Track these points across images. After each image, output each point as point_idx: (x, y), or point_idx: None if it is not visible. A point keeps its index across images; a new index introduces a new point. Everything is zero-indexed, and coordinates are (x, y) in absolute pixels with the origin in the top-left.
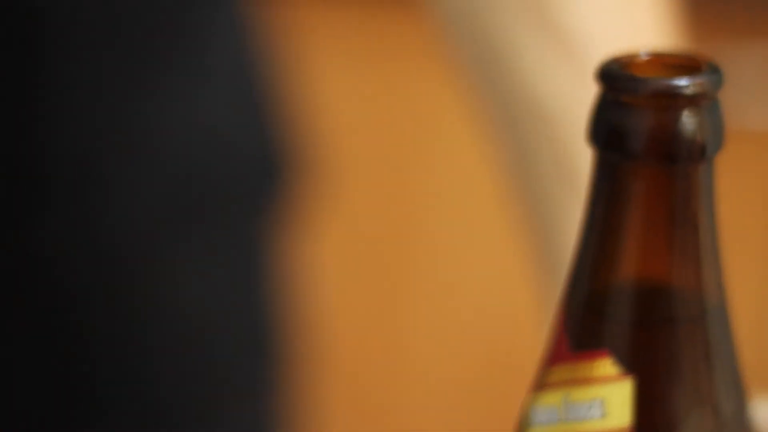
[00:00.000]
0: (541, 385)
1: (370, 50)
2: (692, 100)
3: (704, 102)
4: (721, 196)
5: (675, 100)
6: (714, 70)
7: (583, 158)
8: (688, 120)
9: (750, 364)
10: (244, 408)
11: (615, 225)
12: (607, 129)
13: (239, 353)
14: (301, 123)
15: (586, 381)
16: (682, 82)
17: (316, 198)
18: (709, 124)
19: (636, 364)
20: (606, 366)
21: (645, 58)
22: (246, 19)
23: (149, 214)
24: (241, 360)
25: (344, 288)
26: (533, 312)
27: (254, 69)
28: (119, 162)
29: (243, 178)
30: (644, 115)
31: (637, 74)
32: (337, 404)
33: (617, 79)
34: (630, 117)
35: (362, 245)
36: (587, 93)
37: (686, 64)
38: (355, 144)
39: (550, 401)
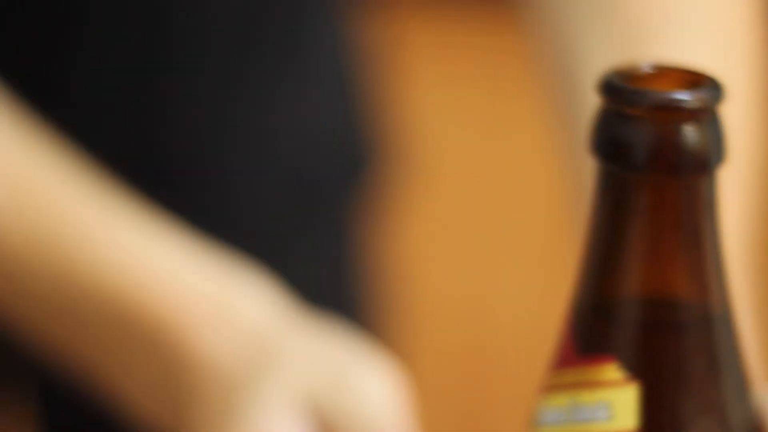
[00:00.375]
0: (549, 387)
1: (460, 57)
2: (693, 114)
3: (705, 116)
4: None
5: (676, 113)
6: (715, 85)
7: None
8: (689, 133)
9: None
10: None
11: (617, 234)
12: (608, 141)
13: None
14: (395, 120)
15: (593, 384)
16: (684, 95)
17: (408, 188)
18: (710, 138)
19: (641, 370)
20: (611, 371)
21: (647, 70)
22: (348, 31)
23: (260, 207)
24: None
25: (433, 274)
26: None
27: (354, 74)
28: (234, 159)
29: (341, 169)
30: (645, 128)
31: (639, 87)
32: (426, 388)
33: (619, 91)
34: (631, 129)
35: (450, 232)
36: None
37: (688, 78)
38: (443, 138)
39: (558, 403)
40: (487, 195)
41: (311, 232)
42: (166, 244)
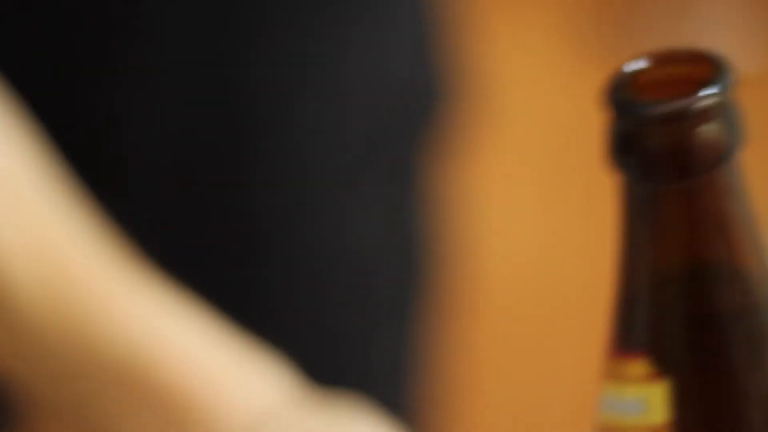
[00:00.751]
0: (603, 375)
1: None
2: (703, 115)
3: (716, 112)
4: None
5: (685, 120)
6: (721, 72)
7: None
8: (702, 133)
9: None
10: (398, 331)
11: (645, 236)
12: (620, 152)
13: (398, 278)
14: (467, 66)
15: (627, 379)
16: (691, 99)
17: (480, 129)
18: (725, 129)
19: (672, 365)
20: (643, 366)
21: (649, 66)
22: None
23: (330, 150)
24: (398, 284)
25: (500, 218)
26: None
27: (427, 19)
28: (306, 102)
29: (413, 114)
30: (657, 138)
31: (644, 95)
32: (488, 332)
33: (623, 105)
34: (644, 141)
35: (518, 177)
36: None
37: (693, 64)
38: (514, 83)
39: (606, 392)
40: (557, 141)
41: (381, 175)
42: (185, 321)
